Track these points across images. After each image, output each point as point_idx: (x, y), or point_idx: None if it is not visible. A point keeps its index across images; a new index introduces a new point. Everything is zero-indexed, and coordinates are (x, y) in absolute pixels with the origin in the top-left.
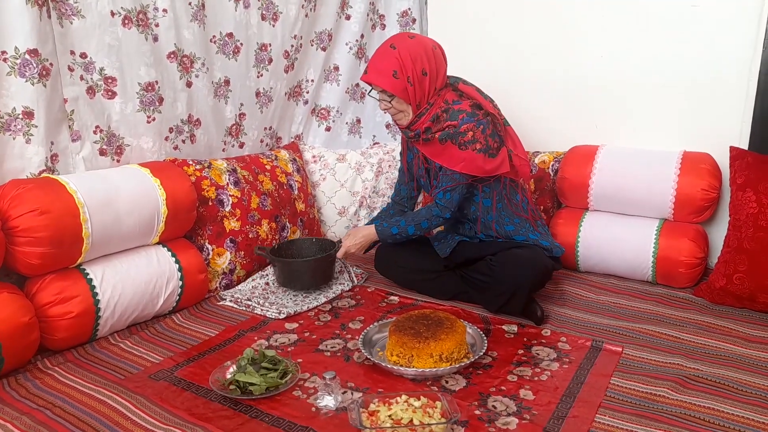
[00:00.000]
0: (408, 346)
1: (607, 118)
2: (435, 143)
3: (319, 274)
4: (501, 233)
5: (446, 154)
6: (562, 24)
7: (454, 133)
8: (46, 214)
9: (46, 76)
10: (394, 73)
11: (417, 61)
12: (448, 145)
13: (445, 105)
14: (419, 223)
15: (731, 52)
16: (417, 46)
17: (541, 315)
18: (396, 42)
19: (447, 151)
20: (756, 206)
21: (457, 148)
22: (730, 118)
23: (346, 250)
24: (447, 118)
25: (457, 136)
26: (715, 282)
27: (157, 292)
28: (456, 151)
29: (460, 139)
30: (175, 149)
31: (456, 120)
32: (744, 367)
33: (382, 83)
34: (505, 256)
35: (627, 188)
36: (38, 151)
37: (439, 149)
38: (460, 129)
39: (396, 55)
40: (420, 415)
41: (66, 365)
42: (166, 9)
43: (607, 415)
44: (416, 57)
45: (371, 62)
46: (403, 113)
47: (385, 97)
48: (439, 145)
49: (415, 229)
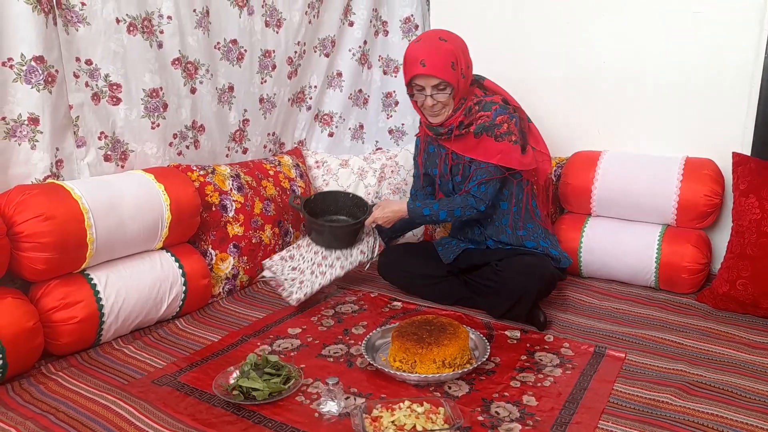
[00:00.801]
0: (411, 352)
1: (609, 124)
2: (469, 137)
3: (344, 239)
4: (512, 238)
5: (481, 147)
6: (565, 30)
7: (490, 125)
8: (51, 219)
9: (52, 82)
10: (452, 64)
11: (465, 54)
12: (483, 138)
13: (477, 98)
14: (452, 210)
15: (733, 58)
16: (461, 39)
17: (544, 321)
18: (442, 35)
19: (482, 144)
20: (759, 212)
21: (493, 140)
22: (733, 124)
23: (374, 219)
24: (479, 110)
25: (493, 128)
26: (718, 288)
27: (161, 297)
28: (492, 144)
29: (496, 131)
30: (179, 155)
31: (489, 111)
32: (747, 374)
33: (445, 75)
34: (511, 261)
35: (630, 194)
36: (43, 157)
37: (473, 143)
38: (495, 121)
39: (450, 48)
40: (423, 421)
41: (70, 370)
42: (170, 16)
43: (611, 421)
44: (464, 50)
45: (423, 56)
46: (446, 108)
47: (438, 91)
48: (474, 139)
49: (447, 215)
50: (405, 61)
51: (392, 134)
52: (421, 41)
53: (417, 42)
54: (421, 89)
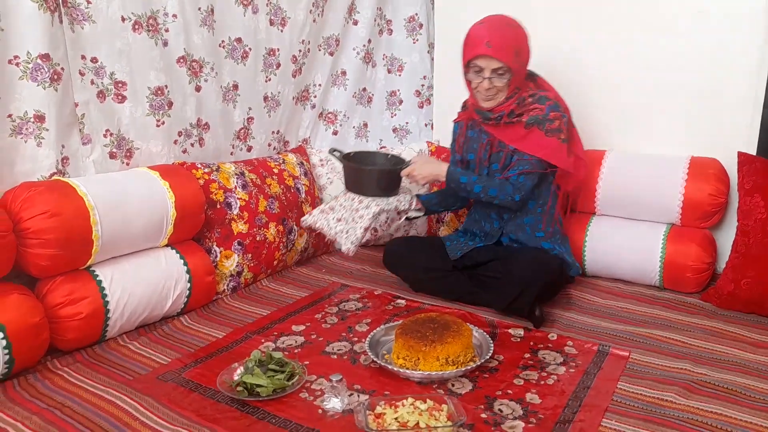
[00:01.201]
0: (414, 349)
1: (614, 123)
2: (518, 127)
3: (380, 183)
4: (530, 238)
5: (530, 139)
6: (569, 30)
7: (543, 118)
8: (57, 216)
9: (58, 80)
10: (516, 51)
11: (528, 44)
12: (534, 130)
13: (531, 91)
14: (488, 189)
15: (739, 58)
16: (524, 30)
17: (540, 315)
18: (509, 21)
19: (531, 136)
20: (765, 211)
21: (544, 135)
22: (738, 124)
23: (410, 172)
24: (533, 102)
25: (545, 122)
26: (723, 287)
27: (166, 294)
28: (542, 138)
29: (547, 125)
30: (184, 153)
31: (543, 105)
32: (752, 373)
33: (508, 59)
34: (519, 254)
35: (634, 193)
36: (49, 154)
37: (522, 134)
38: (549, 116)
39: (517, 35)
40: (426, 418)
41: (75, 366)
42: (175, 14)
43: (614, 419)
44: (527, 40)
45: (489, 37)
46: (500, 94)
47: (497, 75)
48: (523, 130)
49: (482, 191)
50: (467, 41)
51: (396, 133)
52: (486, 23)
53: (482, 23)
54: (479, 70)
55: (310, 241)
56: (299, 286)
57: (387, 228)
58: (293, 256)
